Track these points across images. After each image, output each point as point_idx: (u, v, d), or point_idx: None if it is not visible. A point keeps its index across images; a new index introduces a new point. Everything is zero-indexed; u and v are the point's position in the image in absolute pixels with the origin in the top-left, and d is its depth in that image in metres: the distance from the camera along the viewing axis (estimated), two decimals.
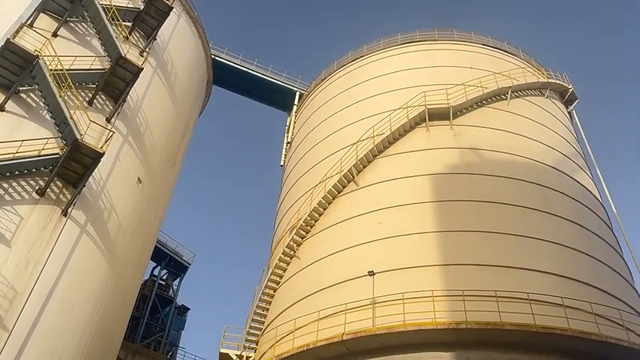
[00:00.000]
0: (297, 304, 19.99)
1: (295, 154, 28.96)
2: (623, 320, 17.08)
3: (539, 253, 18.66)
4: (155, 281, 44.00)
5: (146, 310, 41.62)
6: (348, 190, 22.33)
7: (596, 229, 21.51)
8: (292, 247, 22.23)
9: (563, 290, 17.16)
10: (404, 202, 20.46)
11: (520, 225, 19.37)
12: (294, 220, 23.38)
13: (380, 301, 17.37)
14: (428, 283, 17.27)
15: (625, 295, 19.41)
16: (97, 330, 19.29)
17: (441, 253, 18.43)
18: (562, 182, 22.31)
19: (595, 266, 19.47)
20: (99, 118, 20.56)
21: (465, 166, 21.51)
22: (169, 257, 45.12)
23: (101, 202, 20.17)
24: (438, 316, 15.86)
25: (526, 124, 24.30)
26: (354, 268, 18.95)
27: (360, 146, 23.01)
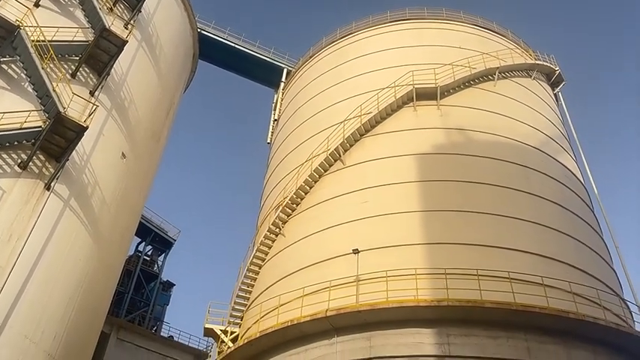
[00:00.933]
0: (282, 281, 20.15)
1: (282, 131, 28.83)
2: (601, 300, 17.50)
3: (520, 233, 18.96)
4: (140, 257, 44.02)
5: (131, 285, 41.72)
6: (335, 169, 22.35)
7: (578, 210, 21.86)
8: (278, 225, 22.29)
9: (544, 270, 17.50)
10: (390, 182, 20.55)
11: (503, 205, 19.62)
12: (280, 198, 23.39)
13: (364, 278, 17.58)
14: (411, 262, 17.49)
15: (603, 276, 19.86)
16: (81, 304, 19.30)
17: (424, 232, 18.63)
18: (545, 163, 22.55)
19: (575, 247, 19.84)
20: (82, 91, 20.22)
21: (451, 147, 21.61)
22: (154, 233, 45.07)
23: (85, 177, 19.97)
24: (421, 294, 16.11)
25: (512, 105, 24.41)
26: (339, 246, 19.10)
27: (347, 125, 22.97)
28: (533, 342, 15.43)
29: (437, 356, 15.24)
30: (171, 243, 46.69)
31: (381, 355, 15.68)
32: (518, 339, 15.44)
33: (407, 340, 15.71)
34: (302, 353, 17.08)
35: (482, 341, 15.38)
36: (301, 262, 19.94)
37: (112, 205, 21.77)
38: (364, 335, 16.25)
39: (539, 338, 15.52)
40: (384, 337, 16.00)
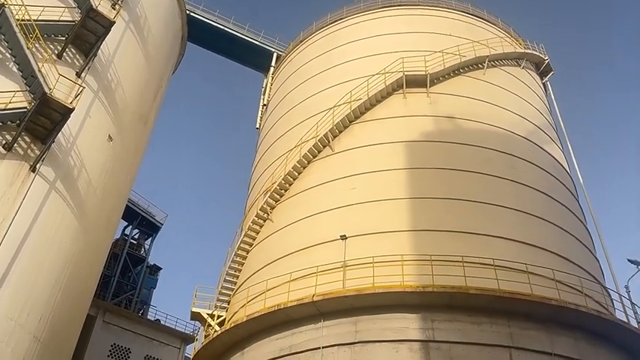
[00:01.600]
0: (270, 266, 20.22)
1: (271, 117, 28.71)
2: (583, 287, 17.81)
3: (505, 221, 19.17)
4: (126, 240, 43.87)
5: (117, 268, 41.63)
6: (323, 155, 22.34)
7: (563, 199, 22.12)
8: (266, 210, 22.30)
9: (527, 257, 17.75)
10: (378, 169, 20.61)
11: (489, 193, 19.79)
12: (268, 183, 23.38)
13: (351, 264, 17.70)
14: (398, 248, 17.63)
15: (586, 264, 20.19)
16: (67, 287, 19.24)
17: (411, 219, 18.76)
18: (532, 152, 22.74)
19: (559, 235, 20.12)
20: (69, 72, 19.93)
21: (440, 135, 21.70)
22: (141, 217, 44.90)
23: (71, 159, 19.78)
24: (407, 280, 16.27)
25: (501, 93, 24.51)
26: (327, 232, 19.18)
27: (337, 111, 22.92)
28: (515, 328, 15.69)
29: (421, 341, 15.45)
30: (158, 227, 46.57)
31: (367, 339, 15.86)
32: (501, 325, 15.69)
33: (392, 325, 15.90)
34: (288, 337, 17.21)
35: (465, 327, 15.61)
36: (289, 248, 20.01)
37: (98, 187, 21.61)
38: (350, 320, 16.41)
39: (521, 324, 15.78)
40: (369, 322, 16.16)
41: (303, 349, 16.61)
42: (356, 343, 15.94)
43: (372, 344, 15.76)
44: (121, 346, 36.19)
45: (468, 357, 15.06)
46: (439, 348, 15.28)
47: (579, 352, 15.91)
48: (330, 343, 16.22)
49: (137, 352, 36.72)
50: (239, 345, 18.73)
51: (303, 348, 16.65)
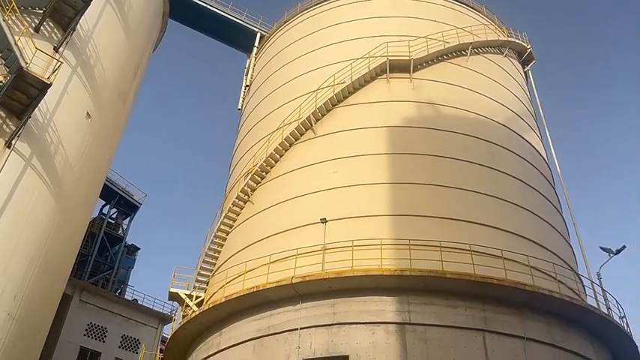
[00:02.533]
0: (249, 248, 20.24)
1: (254, 98, 28.47)
2: (557, 273, 18.24)
3: (483, 208, 19.45)
4: (104, 219, 43.43)
5: (94, 247, 41.25)
6: (306, 138, 22.30)
7: (539, 186, 22.49)
8: (246, 192, 22.23)
9: (503, 243, 18.07)
10: (360, 153, 20.67)
11: (468, 180, 20.03)
12: (249, 165, 23.28)
13: (330, 247, 17.82)
14: (377, 232, 17.79)
15: (560, 251, 20.64)
16: (43, 265, 19.02)
17: (391, 204, 18.92)
18: (511, 140, 23.02)
19: (535, 222, 20.50)
20: (46, 46, 19.45)
21: (421, 120, 21.80)
22: (119, 196, 44.44)
23: (47, 136, 19.41)
24: (385, 264, 16.46)
25: (483, 81, 24.67)
26: (307, 215, 19.23)
27: (320, 94, 22.84)
28: (490, 312, 16.03)
29: (397, 323, 15.70)
30: (136, 206, 46.16)
31: (344, 321, 16.05)
32: (475, 309, 16.01)
33: (369, 307, 16.10)
34: (266, 318, 17.33)
35: (441, 310, 15.89)
36: (269, 230, 20.04)
37: (76, 165, 21.27)
38: (328, 302, 16.56)
39: (496, 309, 16.12)
40: (347, 304, 16.35)
41: (281, 330, 16.75)
42: (333, 325, 16.12)
43: (349, 326, 15.96)
44: (98, 326, 36.03)
45: (442, 339, 15.37)
46: (415, 330, 15.55)
47: (551, 336, 16.34)
48: (308, 325, 16.37)
49: (114, 331, 36.62)
50: (217, 325, 18.79)
51: (281, 329, 16.79)
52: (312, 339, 16.11)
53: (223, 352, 17.93)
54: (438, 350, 15.16)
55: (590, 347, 17.28)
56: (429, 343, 15.28)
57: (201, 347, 19.28)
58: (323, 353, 15.72)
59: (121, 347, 36.50)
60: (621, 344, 18.16)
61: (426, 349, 15.20)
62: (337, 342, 15.80)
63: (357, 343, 15.54)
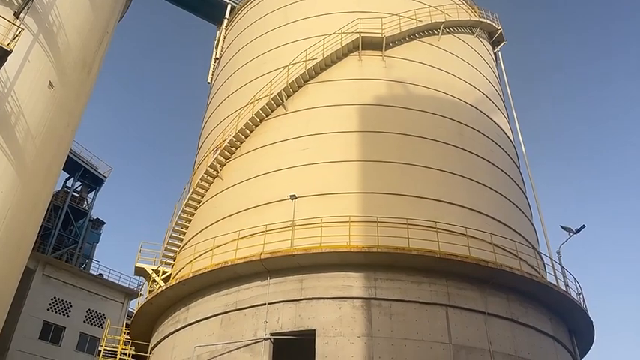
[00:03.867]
0: (218, 224, 20.14)
1: (224, 71, 27.97)
2: (518, 251, 18.80)
3: (450, 186, 19.80)
4: (68, 192, 42.50)
5: (58, 221, 40.44)
6: (277, 114, 22.11)
7: (505, 167, 22.98)
8: (215, 168, 22.02)
9: (468, 221, 18.48)
10: (330, 130, 20.66)
11: (436, 159, 20.30)
12: (219, 140, 23.00)
13: (299, 224, 17.90)
14: (346, 209, 17.94)
15: (523, 229, 21.25)
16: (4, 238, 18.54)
17: (360, 182, 19.05)
18: (479, 121, 23.36)
19: (499, 201, 21.00)
20: (6, 12, 18.63)
21: (392, 99, 21.87)
22: (84, 169, 43.51)
23: (8, 105, 18.71)
24: (353, 240, 16.66)
25: (453, 61, 24.84)
26: (277, 192, 19.21)
27: (292, 70, 22.61)
28: (453, 288, 16.46)
29: (363, 298, 15.99)
30: (102, 180, 45.29)
31: (312, 296, 16.24)
32: (439, 284, 16.42)
33: (337, 283, 16.32)
34: (234, 293, 17.38)
35: (406, 285, 16.24)
36: (238, 206, 19.95)
37: (38, 136, 20.63)
38: (296, 277, 16.71)
39: (459, 284, 16.56)
40: (315, 280, 16.52)
41: (249, 305, 16.85)
42: (301, 300, 16.31)
43: (317, 301, 16.17)
44: (62, 300, 35.54)
45: (406, 314, 15.74)
46: (380, 305, 15.87)
47: (511, 311, 16.92)
48: (276, 300, 16.51)
49: (79, 306, 36.21)
50: (184, 301, 18.76)
51: (248, 304, 16.88)
52: (279, 314, 16.27)
53: (190, 326, 17.95)
54: (403, 324, 15.54)
55: (548, 322, 17.97)
56: (393, 318, 15.64)
57: (168, 322, 19.24)
58: (290, 327, 15.92)
59: (86, 322, 36.17)
60: (578, 319, 18.93)
61: (391, 323, 15.55)
62: (304, 316, 16.00)
63: (324, 317, 15.78)
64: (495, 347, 15.78)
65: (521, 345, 16.44)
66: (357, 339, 15.24)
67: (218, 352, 16.44)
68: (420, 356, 14.99)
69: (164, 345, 18.95)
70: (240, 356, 15.98)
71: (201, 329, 17.47)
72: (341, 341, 15.24)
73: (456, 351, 15.32)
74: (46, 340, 33.67)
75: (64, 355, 33.83)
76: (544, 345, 17.34)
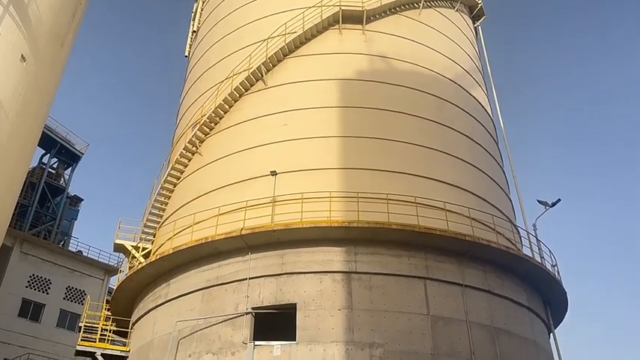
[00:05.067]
0: (198, 200, 20.05)
1: (202, 44, 27.43)
2: (495, 225, 19.16)
3: (429, 162, 19.96)
4: (44, 169, 41.80)
5: (35, 198, 39.85)
6: (256, 89, 21.87)
7: (484, 142, 23.21)
8: (194, 143, 21.79)
9: (447, 196, 18.71)
10: (310, 106, 20.55)
11: (416, 134, 20.40)
12: (197, 115, 22.72)
13: (280, 199, 17.92)
14: (327, 185, 17.99)
15: (500, 203, 21.60)
16: None
17: (341, 157, 19.08)
18: (459, 96, 23.44)
19: (478, 176, 21.27)
20: None
21: (372, 74, 21.77)
22: (60, 145, 42.73)
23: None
24: (333, 215, 16.78)
25: (434, 35, 24.74)
26: (257, 168, 19.15)
27: (271, 43, 22.28)
28: (431, 261, 16.77)
29: (344, 272, 16.20)
30: (78, 156, 44.59)
31: (293, 271, 16.40)
32: (418, 258, 16.70)
33: (317, 257, 16.48)
34: (215, 269, 17.45)
35: (386, 259, 16.49)
36: (218, 182, 19.86)
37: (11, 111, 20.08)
38: (277, 253, 16.83)
39: (437, 258, 16.87)
40: (296, 255, 16.66)
41: (230, 280, 16.95)
42: (282, 275, 16.46)
43: (298, 275, 16.34)
44: (41, 277, 35.26)
45: (386, 286, 16.02)
46: (360, 278, 16.11)
47: (487, 283, 17.32)
48: (257, 275, 16.63)
49: (58, 283, 36.00)
50: (165, 277, 18.77)
51: (230, 279, 16.98)
52: (260, 288, 16.41)
53: (171, 302, 18.02)
54: (382, 297, 15.82)
55: (523, 294, 18.46)
56: (373, 290, 15.91)
57: (149, 298, 19.27)
58: (272, 302, 16.10)
59: (66, 299, 36.02)
60: (552, 290, 19.49)
61: (371, 295, 15.82)
62: (286, 291, 16.17)
63: (305, 291, 15.98)
64: (472, 318, 16.20)
65: (497, 316, 16.90)
66: (337, 312, 15.49)
67: (200, 326, 16.57)
68: (398, 327, 15.33)
69: (145, 320, 19.01)
70: (222, 330, 16.14)
71: (183, 304, 17.55)
72: (322, 314, 15.48)
73: (434, 322, 15.69)
74: (25, 317, 33.50)
75: (44, 332, 33.74)
76: (519, 315, 17.85)
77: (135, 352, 18.73)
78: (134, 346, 19.03)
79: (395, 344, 15.04)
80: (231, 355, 15.54)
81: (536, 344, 17.79)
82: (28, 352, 31.48)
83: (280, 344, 15.24)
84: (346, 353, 14.79)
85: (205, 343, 16.18)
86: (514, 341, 16.84)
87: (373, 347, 14.93)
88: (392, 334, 15.18)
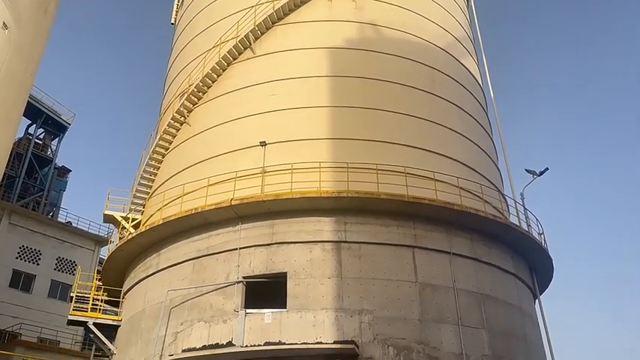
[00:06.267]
0: (187, 171, 19.99)
1: (188, 11, 26.84)
2: (483, 194, 19.35)
3: (419, 131, 19.97)
4: (30, 139, 41.33)
5: (22, 169, 39.51)
6: (244, 58, 21.56)
7: (473, 111, 23.19)
8: (182, 113, 21.58)
9: (436, 165, 18.82)
10: (299, 75, 20.34)
11: (407, 104, 20.32)
12: (185, 84, 22.42)
13: (270, 170, 17.91)
14: (316, 155, 17.99)
15: (488, 173, 21.76)
16: None
17: (331, 128, 19.02)
18: (450, 65, 23.29)
19: (467, 146, 21.33)
20: None
21: (363, 42, 21.51)
22: (45, 115, 42.13)
23: None
24: (323, 186, 16.84)
25: (425, 3, 24.40)
26: (246, 138, 19.06)
27: (259, 10, 21.87)
28: (420, 230, 16.97)
29: (334, 242, 16.37)
30: (65, 126, 44.05)
31: (283, 240, 16.53)
32: (407, 227, 16.89)
33: (308, 227, 16.60)
34: (205, 239, 17.53)
35: (375, 229, 16.65)
36: (207, 153, 19.77)
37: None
38: (268, 223, 16.92)
39: (425, 227, 17.06)
40: (286, 225, 16.76)
41: (221, 250, 17.06)
42: (272, 244, 16.59)
43: (288, 245, 16.48)
44: (31, 248, 35.26)
45: (375, 255, 16.23)
46: (350, 248, 16.30)
47: (474, 251, 17.60)
48: (248, 245, 16.75)
49: (48, 254, 36.02)
50: (155, 247, 18.84)
51: (220, 249, 17.09)
52: (251, 258, 16.55)
53: (162, 271, 18.14)
54: (371, 265, 16.05)
55: (510, 261, 18.80)
56: (362, 259, 16.12)
57: (140, 268, 19.38)
58: (262, 271, 16.27)
59: (56, 269, 36.12)
60: (538, 258, 19.85)
61: (360, 264, 16.04)
62: (276, 260, 16.33)
63: (295, 260, 16.15)
64: (459, 285, 16.52)
65: (484, 282, 17.23)
66: (327, 280, 15.71)
67: (191, 295, 16.75)
68: (387, 294, 15.61)
69: (136, 290, 19.16)
70: (214, 299, 16.33)
71: (174, 274, 17.69)
72: (312, 282, 15.70)
73: (422, 289, 15.98)
74: (16, 288, 33.61)
75: (36, 303, 33.91)
76: (505, 282, 18.22)
77: (127, 321, 18.94)
78: (126, 316, 19.23)
79: (383, 310, 15.34)
80: (222, 322, 15.78)
81: (521, 310, 18.22)
82: (20, 322, 31.70)
83: (271, 312, 15.48)
84: (336, 320, 15.08)
85: (197, 311, 16.39)
86: (500, 307, 17.23)
87: (362, 314, 15.22)
88: (381, 301, 15.47)
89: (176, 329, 16.41)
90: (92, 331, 18.93)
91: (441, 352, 15.14)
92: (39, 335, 31.95)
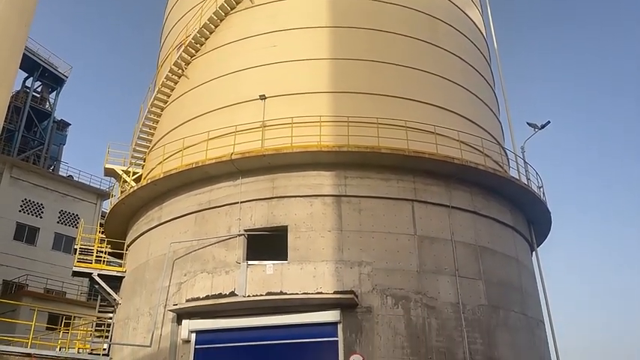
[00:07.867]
0: (187, 124, 19.88)
1: None
2: (484, 148, 19.32)
3: (421, 84, 19.72)
4: (28, 93, 40.94)
5: (21, 122, 39.36)
6: (242, 8, 21.03)
7: (476, 64, 22.82)
8: (180, 66, 21.25)
9: (437, 119, 18.68)
10: (299, 26, 19.89)
11: (408, 56, 19.98)
12: (182, 36, 21.97)
13: (270, 124, 17.82)
14: (317, 109, 17.84)
15: (489, 126, 21.63)
16: None
17: (331, 81, 18.78)
18: (453, 15, 22.72)
19: (468, 99, 21.11)
20: None
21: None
22: (42, 68, 41.56)
23: None
24: (323, 140, 16.79)
25: None
26: (246, 92, 18.85)
27: None
28: (419, 184, 17.04)
29: (334, 195, 16.48)
30: (62, 79, 43.56)
31: (284, 194, 16.64)
32: (407, 181, 16.96)
33: (308, 181, 16.68)
34: (207, 193, 17.64)
35: (375, 183, 16.74)
36: (207, 106, 19.61)
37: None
38: (268, 177, 16.98)
39: (425, 181, 17.13)
40: (287, 179, 16.83)
41: (222, 204, 17.20)
42: (273, 198, 16.71)
43: (289, 199, 16.60)
44: (33, 202, 35.58)
45: (375, 209, 16.39)
46: (350, 201, 16.43)
47: (473, 204, 17.75)
48: (249, 199, 16.87)
49: (51, 207, 36.39)
50: (157, 200, 18.98)
51: (222, 202, 17.23)
52: (252, 211, 16.72)
53: (165, 224, 18.35)
54: (371, 218, 16.23)
55: (508, 214, 18.99)
56: (362, 213, 16.28)
57: (142, 221, 19.60)
58: (263, 224, 16.47)
59: (59, 222, 36.57)
60: (537, 211, 20.02)
61: (359, 217, 16.22)
62: (277, 214, 16.50)
63: (296, 214, 16.32)
64: (457, 237, 16.75)
65: (482, 235, 17.47)
66: (327, 233, 15.93)
67: (193, 247, 17.03)
68: (386, 247, 15.86)
69: (140, 242, 19.46)
70: (216, 251, 16.61)
71: (176, 227, 17.91)
72: (312, 235, 15.92)
73: (420, 241, 16.23)
74: (21, 240, 34.15)
75: (40, 255, 34.55)
76: (503, 234, 18.47)
77: (131, 272, 19.32)
78: (130, 267, 19.60)
79: (382, 262, 15.63)
80: (225, 273, 16.11)
81: (518, 261, 18.55)
82: (27, 274, 32.38)
83: (272, 263, 15.78)
84: (336, 271, 15.39)
85: (200, 263, 16.70)
86: (497, 258, 17.54)
87: (362, 265, 15.52)
88: (380, 253, 15.74)
89: (180, 280, 16.78)
90: (97, 282, 19.33)
91: (438, 301, 15.53)
92: (45, 286, 32.72)
